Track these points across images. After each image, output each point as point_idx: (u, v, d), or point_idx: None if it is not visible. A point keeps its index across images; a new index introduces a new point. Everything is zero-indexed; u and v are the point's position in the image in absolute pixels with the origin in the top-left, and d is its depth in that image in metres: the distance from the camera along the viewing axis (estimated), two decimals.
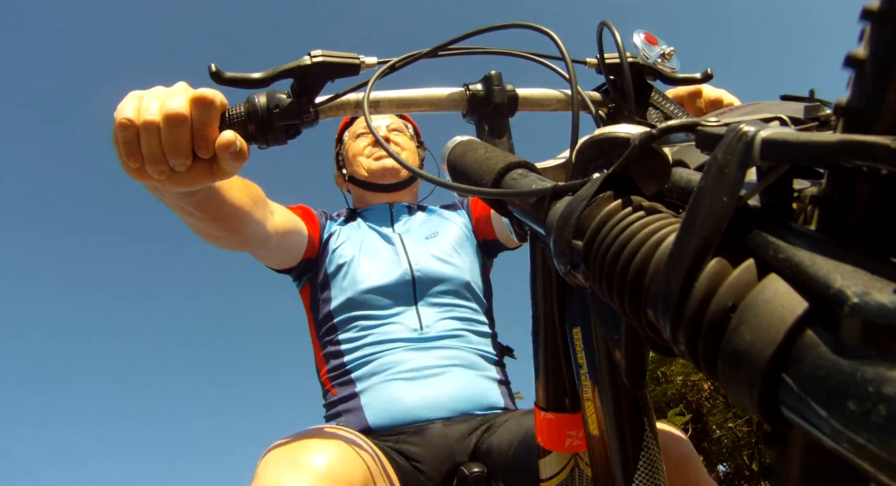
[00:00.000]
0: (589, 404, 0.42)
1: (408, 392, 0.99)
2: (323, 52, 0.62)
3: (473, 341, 1.10)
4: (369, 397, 1.00)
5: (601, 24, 0.62)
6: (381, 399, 0.99)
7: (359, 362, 1.05)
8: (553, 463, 0.50)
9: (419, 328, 1.06)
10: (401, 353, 1.03)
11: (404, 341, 1.05)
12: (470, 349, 1.08)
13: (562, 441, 0.49)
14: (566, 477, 0.50)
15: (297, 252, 1.14)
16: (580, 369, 0.43)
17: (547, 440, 0.50)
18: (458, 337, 1.08)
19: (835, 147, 0.18)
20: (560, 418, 0.49)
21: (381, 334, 1.06)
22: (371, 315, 1.09)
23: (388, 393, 0.99)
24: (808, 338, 0.17)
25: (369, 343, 1.06)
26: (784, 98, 0.42)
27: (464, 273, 1.16)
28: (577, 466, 0.50)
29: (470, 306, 1.15)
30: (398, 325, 1.07)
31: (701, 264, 0.21)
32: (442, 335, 1.07)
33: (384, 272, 1.12)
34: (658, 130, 0.28)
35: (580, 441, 0.48)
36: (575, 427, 0.48)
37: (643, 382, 0.39)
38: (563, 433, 0.49)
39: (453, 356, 1.04)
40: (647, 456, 0.40)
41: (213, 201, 0.77)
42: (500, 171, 0.42)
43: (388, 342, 1.05)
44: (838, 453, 0.16)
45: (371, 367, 1.03)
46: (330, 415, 1.07)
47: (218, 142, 0.56)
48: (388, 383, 1.00)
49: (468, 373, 1.04)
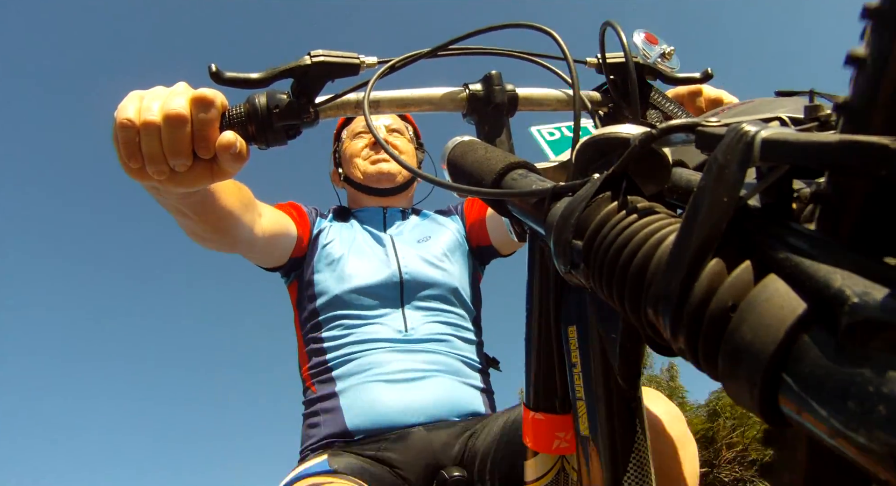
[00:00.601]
0: (580, 404, 0.42)
1: (388, 396, 0.98)
2: (323, 51, 0.62)
3: (458, 347, 1.09)
4: (349, 398, 1.00)
5: (604, 23, 0.62)
6: (360, 401, 0.98)
7: (340, 360, 1.05)
8: (539, 465, 0.50)
9: (404, 330, 1.06)
10: (383, 354, 1.03)
11: (388, 342, 1.04)
12: (454, 355, 1.07)
13: (549, 443, 0.48)
14: (551, 480, 0.49)
15: (285, 252, 1.14)
16: (573, 368, 0.43)
17: (534, 442, 0.50)
18: (442, 342, 1.07)
19: (835, 147, 0.18)
20: (549, 418, 0.48)
21: (364, 333, 1.06)
22: (356, 314, 1.08)
23: (369, 395, 0.98)
24: (808, 338, 0.17)
25: (352, 342, 1.05)
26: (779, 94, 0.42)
27: (453, 279, 1.15)
28: (563, 469, 0.50)
29: (457, 311, 1.14)
30: (383, 326, 1.06)
31: (701, 264, 0.21)
32: (426, 339, 1.06)
33: (372, 272, 1.11)
34: (658, 130, 0.28)
35: (568, 443, 0.48)
36: (563, 429, 0.48)
37: (637, 383, 0.39)
38: (552, 435, 0.48)
39: (436, 361, 1.04)
40: (638, 459, 0.39)
41: (208, 203, 0.77)
42: (501, 171, 0.42)
43: (371, 342, 1.04)
44: (838, 452, 0.16)
45: (352, 366, 1.03)
46: (308, 413, 1.06)
47: (218, 142, 0.56)
48: (369, 385, 1.00)
49: (451, 379, 1.03)
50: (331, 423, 0.99)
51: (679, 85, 0.75)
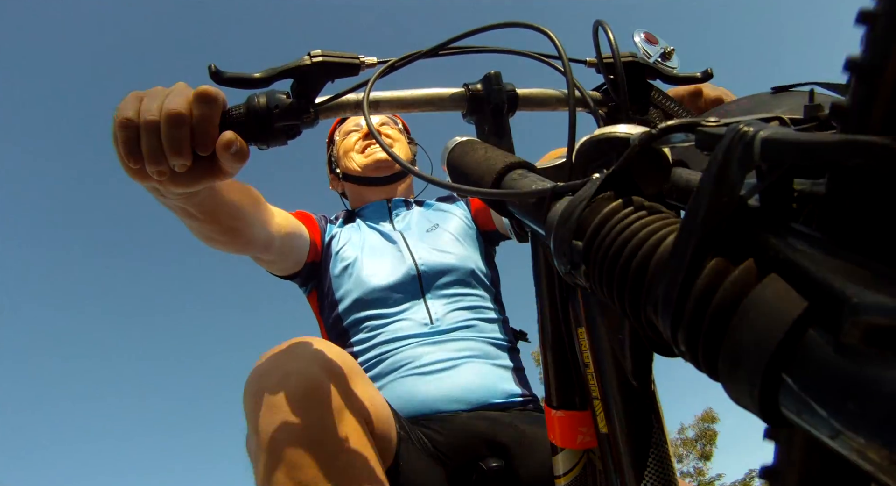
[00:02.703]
0: (597, 402, 0.42)
1: (424, 387, 0.98)
2: (323, 51, 0.62)
3: (485, 329, 1.10)
4: (387, 394, 0.99)
5: (596, 22, 0.62)
6: (398, 395, 0.99)
7: (373, 361, 1.05)
8: (566, 460, 0.50)
9: (429, 322, 1.06)
10: (413, 348, 1.03)
11: (416, 337, 1.05)
12: (482, 339, 1.07)
13: (573, 438, 0.49)
14: (579, 473, 0.50)
15: (301, 256, 1.14)
16: (587, 368, 0.43)
17: (559, 438, 0.50)
18: (468, 328, 1.08)
19: (835, 147, 0.18)
20: (570, 415, 0.49)
21: (391, 331, 1.06)
22: (380, 314, 1.09)
23: (405, 389, 0.99)
24: (808, 338, 0.17)
25: (381, 342, 1.06)
26: (775, 90, 0.42)
27: (468, 262, 1.16)
28: (590, 462, 0.50)
29: (478, 293, 1.15)
30: (408, 321, 1.07)
31: (701, 264, 0.21)
32: (453, 327, 1.06)
33: (389, 270, 1.12)
34: (658, 129, 0.28)
35: (591, 438, 0.48)
36: (585, 424, 0.48)
37: (650, 380, 0.39)
38: (575, 430, 0.49)
39: (466, 348, 1.04)
40: (657, 453, 0.40)
41: (214, 203, 0.76)
42: (500, 171, 0.42)
43: (400, 339, 1.05)
44: (838, 453, 0.16)
45: (385, 365, 1.03)
46: None
47: (218, 142, 0.56)
48: (404, 380, 1.00)
49: (482, 363, 1.03)
50: None
51: (679, 84, 0.75)
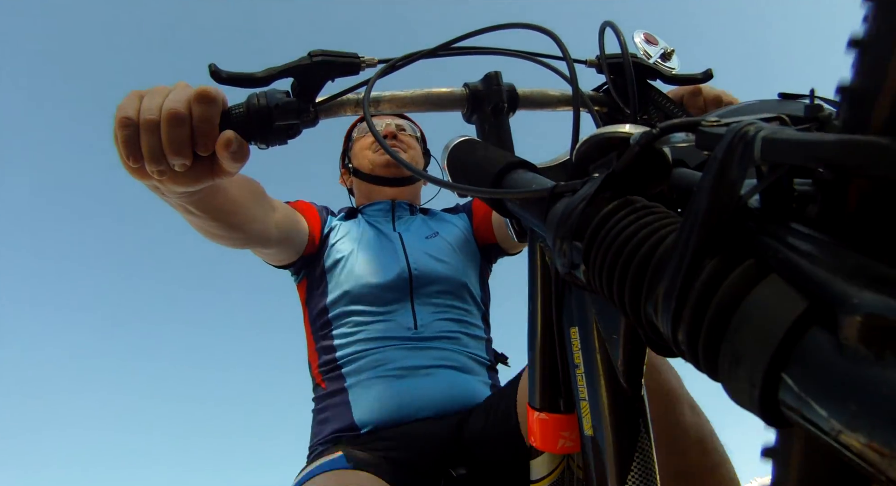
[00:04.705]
0: (584, 404, 0.42)
1: (395, 390, 0.98)
2: (323, 51, 0.62)
3: (468, 344, 1.10)
4: (357, 393, 1.00)
5: (604, 23, 0.62)
6: (368, 396, 0.99)
7: (351, 357, 1.05)
8: (545, 464, 0.50)
9: (413, 327, 1.06)
10: (394, 351, 1.03)
11: (398, 340, 1.05)
12: (463, 352, 1.07)
13: (554, 442, 0.49)
14: (557, 478, 0.50)
15: (298, 248, 1.14)
16: (576, 369, 0.43)
17: (539, 441, 0.50)
18: (451, 339, 1.08)
19: (835, 147, 0.18)
20: (554, 418, 0.49)
21: (375, 330, 1.06)
22: (366, 311, 1.09)
23: (376, 390, 0.99)
24: (808, 338, 0.17)
25: (363, 339, 1.06)
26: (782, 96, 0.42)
27: (461, 275, 1.16)
28: (568, 467, 0.50)
29: (466, 307, 1.15)
30: (392, 323, 1.07)
31: (701, 264, 0.21)
32: (436, 336, 1.06)
33: (381, 269, 1.12)
34: (658, 129, 0.28)
35: (573, 442, 0.48)
36: (568, 428, 0.48)
37: (640, 383, 0.39)
38: (557, 434, 0.48)
39: (445, 358, 1.04)
40: (642, 458, 0.39)
41: (214, 200, 0.77)
42: (500, 171, 0.42)
43: (381, 340, 1.05)
44: (839, 453, 0.16)
45: (362, 363, 1.03)
46: (318, 409, 1.07)
47: (218, 141, 0.56)
48: (377, 380, 1.00)
49: (458, 374, 1.04)
50: (338, 418, 1.00)
51: (679, 85, 0.75)
